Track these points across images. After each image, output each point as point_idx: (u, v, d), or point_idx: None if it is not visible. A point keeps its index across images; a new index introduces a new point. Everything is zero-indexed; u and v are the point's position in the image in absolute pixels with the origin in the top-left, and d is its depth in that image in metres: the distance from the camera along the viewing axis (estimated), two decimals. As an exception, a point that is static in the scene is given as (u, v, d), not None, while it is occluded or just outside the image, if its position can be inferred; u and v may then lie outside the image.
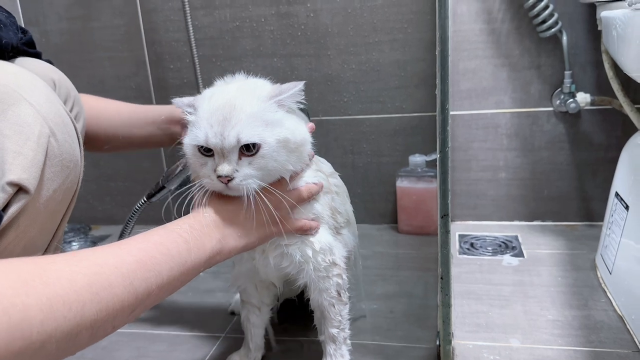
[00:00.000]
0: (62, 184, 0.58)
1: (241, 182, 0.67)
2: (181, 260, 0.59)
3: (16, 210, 0.51)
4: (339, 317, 0.81)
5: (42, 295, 0.43)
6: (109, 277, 0.49)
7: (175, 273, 0.58)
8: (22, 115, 0.53)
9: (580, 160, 1.34)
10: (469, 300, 1.05)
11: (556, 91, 1.30)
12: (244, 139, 0.66)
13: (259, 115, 0.68)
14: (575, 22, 1.26)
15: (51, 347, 0.43)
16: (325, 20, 1.37)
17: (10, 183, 0.50)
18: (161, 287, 0.55)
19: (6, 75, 0.56)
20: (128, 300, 0.50)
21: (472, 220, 1.44)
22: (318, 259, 0.77)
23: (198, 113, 0.69)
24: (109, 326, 0.50)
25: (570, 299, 1.02)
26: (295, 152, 0.71)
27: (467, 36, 1.32)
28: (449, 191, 0.72)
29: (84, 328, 0.46)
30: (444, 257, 0.75)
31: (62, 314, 0.44)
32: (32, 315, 0.42)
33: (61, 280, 0.45)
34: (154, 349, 0.97)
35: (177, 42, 1.46)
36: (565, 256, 1.21)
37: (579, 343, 0.88)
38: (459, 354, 0.87)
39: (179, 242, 0.60)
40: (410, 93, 1.37)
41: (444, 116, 0.69)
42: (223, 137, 0.66)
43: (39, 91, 0.57)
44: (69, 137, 0.60)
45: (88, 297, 0.46)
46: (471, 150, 1.39)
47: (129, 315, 0.52)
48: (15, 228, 0.52)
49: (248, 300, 0.86)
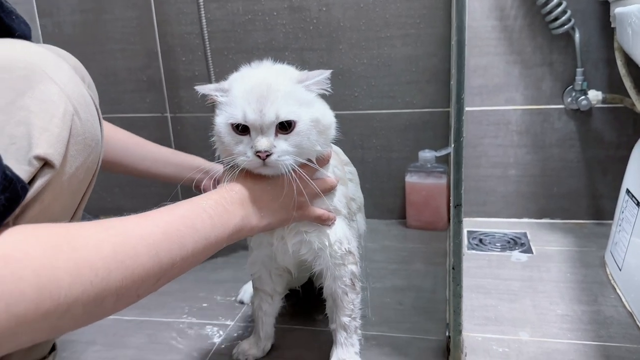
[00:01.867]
0: (84, 163, 0.60)
1: (279, 158, 0.68)
2: (205, 234, 0.61)
3: (42, 184, 0.52)
4: (351, 305, 0.82)
5: (70, 259, 0.44)
6: (136, 247, 0.51)
7: (199, 247, 0.59)
8: (48, 93, 0.55)
9: (591, 158, 1.34)
10: (478, 294, 1.05)
11: (568, 88, 1.30)
12: (283, 115, 0.67)
13: (294, 95, 0.69)
14: (588, 19, 1.26)
15: (78, 310, 0.45)
16: (337, 14, 1.37)
17: (37, 157, 0.51)
18: (185, 259, 0.57)
19: (32, 55, 0.57)
20: (153, 269, 0.52)
21: (481, 217, 1.43)
22: (335, 247, 0.78)
23: (231, 93, 0.70)
24: (133, 294, 0.51)
25: (579, 294, 1.02)
26: (323, 134, 0.73)
27: (479, 32, 1.32)
28: (462, 181, 0.72)
29: (110, 294, 0.48)
30: (456, 247, 0.75)
31: (89, 278, 0.45)
32: (61, 277, 0.43)
33: (89, 246, 0.47)
34: (163, 336, 0.98)
35: (189, 35, 1.46)
36: (574, 253, 1.20)
37: (589, 337, 0.88)
38: (468, 345, 0.87)
39: (204, 217, 0.62)
40: (422, 88, 1.38)
41: (459, 106, 0.69)
42: (262, 114, 0.67)
43: (62, 71, 0.58)
44: (91, 117, 0.61)
45: (114, 264, 0.48)
46: (481, 146, 1.39)
47: (153, 284, 0.54)
48: (40, 202, 0.53)
49: (261, 288, 0.87)
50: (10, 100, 0.52)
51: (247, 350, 0.89)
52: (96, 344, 0.96)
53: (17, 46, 0.57)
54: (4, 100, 0.52)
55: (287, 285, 0.90)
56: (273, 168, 0.69)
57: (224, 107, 0.71)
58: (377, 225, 1.45)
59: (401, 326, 0.96)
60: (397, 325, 0.96)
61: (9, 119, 0.51)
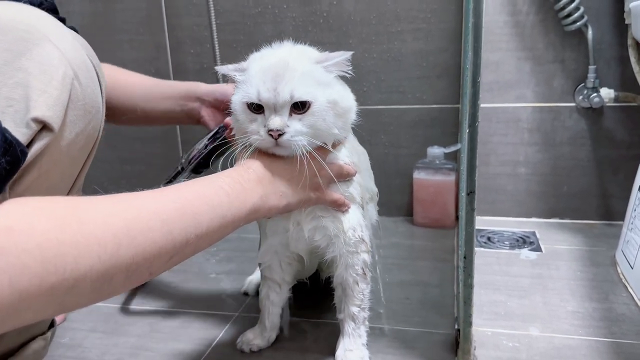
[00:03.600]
0: (84, 129, 0.58)
1: (291, 138, 0.67)
2: (222, 212, 0.58)
3: (40, 147, 0.51)
4: (361, 295, 0.80)
5: (76, 233, 0.42)
6: (148, 222, 0.48)
7: (215, 224, 0.57)
8: (47, 56, 0.53)
9: (602, 158, 1.33)
10: (487, 290, 1.03)
11: (579, 86, 1.29)
12: (297, 95, 0.66)
13: (311, 75, 0.68)
14: (601, 17, 1.24)
15: (85, 286, 0.43)
16: (348, 8, 1.36)
17: (35, 119, 0.50)
18: (200, 237, 0.55)
19: (32, 17, 0.56)
20: (166, 247, 0.50)
21: (489, 216, 1.42)
22: (349, 234, 0.77)
23: (248, 72, 0.70)
24: (145, 271, 0.49)
25: (590, 292, 1.00)
26: (341, 118, 0.72)
27: (491, 28, 1.31)
28: (476, 167, 0.70)
29: (119, 271, 0.46)
30: (468, 235, 0.73)
31: (97, 253, 0.43)
32: (66, 251, 0.41)
33: (97, 220, 0.44)
34: (166, 325, 0.96)
35: (198, 27, 1.46)
36: (584, 252, 1.19)
37: (600, 334, 0.86)
38: (477, 339, 0.85)
39: (221, 195, 0.59)
40: (432, 84, 1.36)
41: (474, 90, 0.68)
42: (276, 92, 0.66)
43: (63, 36, 0.57)
44: (91, 83, 0.59)
45: (125, 240, 0.46)
46: (490, 144, 1.38)
47: (166, 262, 0.51)
48: (38, 167, 0.52)
49: (271, 277, 0.85)
50: (7, 61, 0.51)
51: (252, 340, 0.87)
52: (97, 331, 0.95)
53: (17, 8, 0.56)
54: (1, 61, 0.51)
55: (295, 275, 0.88)
56: (286, 148, 0.68)
57: (241, 86, 0.71)
58: (384, 222, 1.42)
59: (409, 320, 0.94)
60: (405, 319, 0.94)
61: (5, 80, 0.50)
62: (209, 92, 0.92)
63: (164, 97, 0.95)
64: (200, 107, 0.94)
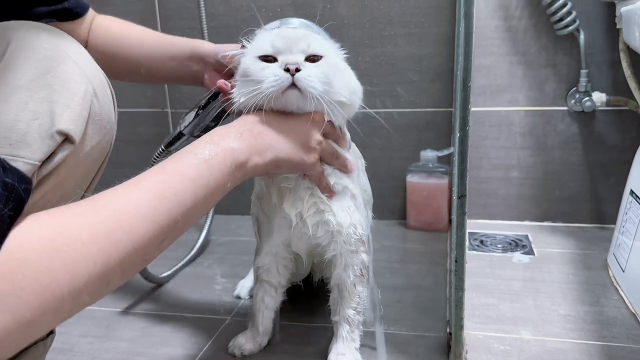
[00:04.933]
0: (99, 143, 0.61)
1: (308, 77, 0.66)
2: (203, 182, 0.57)
3: (61, 158, 0.54)
4: (358, 298, 0.80)
5: (66, 257, 0.44)
6: (130, 221, 0.49)
7: (200, 196, 0.56)
8: (70, 73, 0.57)
9: (594, 161, 1.33)
10: (479, 293, 1.03)
11: (571, 90, 1.29)
12: (313, 46, 0.69)
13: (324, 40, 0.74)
14: (593, 21, 1.25)
15: (85, 298, 0.46)
16: (341, 12, 1.36)
17: (59, 132, 0.53)
18: (187, 213, 0.55)
19: (55, 37, 0.60)
20: (154, 235, 0.51)
21: (482, 219, 1.42)
22: (350, 230, 0.77)
23: (258, 37, 0.74)
24: (139, 261, 0.51)
25: (582, 295, 1.01)
26: (347, 89, 0.73)
27: (484, 32, 1.31)
28: (467, 171, 0.71)
29: (113, 272, 0.48)
30: (459, 239, 0.73)
31: (88, 270, 0.45)
32: (60, 277, 0.43)
33: (82, 237, 0.46)
34: (158, 330, 0.96)
35: (191, 30, 1.45)
36: (576, 256, 1.19)
37: (592, 337, 0.87)
38: (469, 343, 0.85)
39: (196, 164, 0.58)
40: (425, 88, 1.37)
41: (465, 94, 0.68)
42: (291, 43, 0.69)
43: (83, 54, 0.61)
44: (107, 100, 0.63)
45: (111, 247, 0.47)
46: (483, 147, 1.38)
47: (158, 246, 0.53)
48: (56, 176, 0.55)
49: (268, 280, 0.85)
50: (33, 78, 0.55)
51: (243, 344, 0.87)
52: (88, 336, 0.95)
53: (40, 28, 0.60)
54: (28, 77, 0.54)
55: (290, 278, 0.88)
56: (301, 92, 0.67)
57: (251, 48, 0.73)
58: (377, 225, 1.42)
59: (401, 323, 0.94)
60: (397, 323, 0.94)
61: (32, 95, 0.54)
62: (211, 52, 0.89)
63: (169, 57, 0.92)
64: (203, 69, 0.91)
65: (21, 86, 0.54)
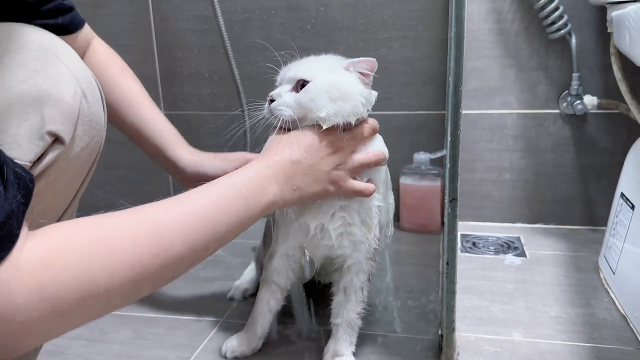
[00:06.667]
0: (89, 144, 0.62)
1: (277, 106, 0.73)
2: (238, 216, 0.62)
3: (51, 159, 0.55)
4: (362, 302, 0.82)
5: (106, 260, 0.46)
6: (171, 237, 0.52)
7: (232, 228, 0.61)
8: (60, 74, 0.58)
9: (585, 164, 1.34)
10: (471, 295, 1.04)
11: (563, 93, 1.30)
12: (300, 73, 0.74)
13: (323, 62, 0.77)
14: (585, 25, 1.26)
15: (116, 301, 0.49)
16: (335, 15, 1.37)
17: (49, 133, 0.54)
18: (217, 240, 0.59)
19: (45, 38, 0.60)
20: (188, 256, 0.54)
21: (474, 221, 1.43)
22: (374, 242, 0.79)
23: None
24: (169, 277, 0.54)
25: (572, 297, 1.02)
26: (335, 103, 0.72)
27: (476, 35, 1.32)
28: (458, 174, 0.71)
29: (146, 282, 0.51)
30: (450, 242, 0.74)
31: (125, 275, 0.48)
32: (98, 276, 0.46)
33: (124, 244, 0.48)
34: (151, 332, 0.96)
35: (185, 32, 1.46)
36: (568, 258, 1.20)
37: (582, 339, 0.87)
38: (461, 345, 0.86)
39: (238, 198, 0.62)
40: (418, 91, 1.37)
41: (456, 98, 0.69)
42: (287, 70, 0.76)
43: (71, 56, 0.62)
44: (96, 100, 0.64)
45: (150, 258, 0.50)
46: (476, 150, 1.39)
47: (188, 266, 0.56)
48: (47, 177, 0.56)
49: (277, 282, 0.85)
50: (23, 78, 0.55)
51: (237, 347, 0.87)
52: (81, 339, 0.94)
53: (30, 29, 0.61)
54: (18, 78, 0.55)
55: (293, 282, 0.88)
56: (273, 114, 0.74)
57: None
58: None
59: (393, 326, 0.94)
60: (389, 325, 0.95)
61: (22, 95, 0.54)
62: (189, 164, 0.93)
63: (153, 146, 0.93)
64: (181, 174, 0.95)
65: (11, 87, 0.54)
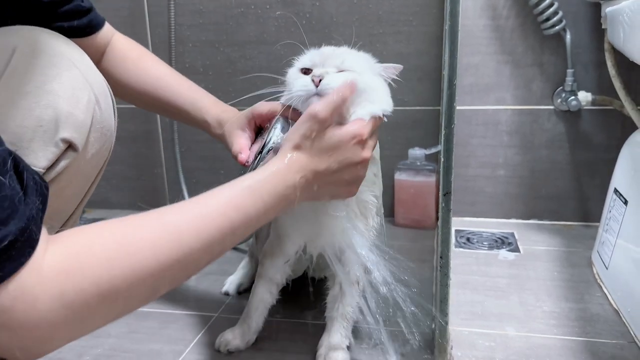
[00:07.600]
0: (99, 151, 0.62)
1: (327, 83, 0.71)
2: (258, 221, 0.61)
3: (64, 165, 0.55)
4: (357, 295, 0.83)
5: (125, 268, 0.46)
6: (190, 244, 0.52)
7: (249, 231, 0.61)
8: (74, 81, 0.58)
9: (579, 160, 1.35)
10: (465, 290, 1.04)
11: (558, 89, 1.31)
12: (347, 62, 0.75)
13: (365, 63, 0.79)
14: (579, 21, 1.26)
15: (134, 303, 0.50)
16: (330, 10, 1.37)
17: (63, 140, 0.55)
18: (233, 242, 0.59)
19: (61, 45, 0.60)
20: (205, 259, 0.54)
21: (468, 217, 1.43)
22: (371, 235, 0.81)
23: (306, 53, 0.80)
24: (184, 278, 0.54)
25: (566, 292, 1.02)
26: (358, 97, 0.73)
27: (471, 31, 1.32)
28: (452, 169, 0.71)
29: (164, 285, 0.51)
30: (444, 236, 0.74)
31: (145, 281, 0.48)
32: (118, 283, 0.46)
33: (145, 251, 0.48)
34: (144, 326, 0.96)
35: (180, 26, 1.45)
36: (562, 253, 1.20)
37: (575, 333, 0.88)
38: (454, 339, 0.86)
39: (259, 205, 0.60)
40: (412, 86, 1.37)
41: (451, 92, 0.69)
42: (326, 57, 0.76)
43: (86, 63, 0.62)
44: (108, 107, 0.64)
45: (169, 263, 0.50)
46: (470, 146, 1.39)
47: (204, 266, 0.56)
48: (57, 183, 0.56)
49: (274, 277, 0.85)
50: (39, 85, 0.55)
51: (231, 340, 0.87)
52: (75, 332, 0.94)
53: (46, 35, 0.60)
54: (33, 84, 0.55)
55: None
56: (319, 93, 0.71)
57: (298, 61, 0.79)
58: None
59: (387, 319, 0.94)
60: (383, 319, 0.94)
61: (37, 101, 0.54)
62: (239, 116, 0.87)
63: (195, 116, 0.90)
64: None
65: (27, 92, 0.54)
